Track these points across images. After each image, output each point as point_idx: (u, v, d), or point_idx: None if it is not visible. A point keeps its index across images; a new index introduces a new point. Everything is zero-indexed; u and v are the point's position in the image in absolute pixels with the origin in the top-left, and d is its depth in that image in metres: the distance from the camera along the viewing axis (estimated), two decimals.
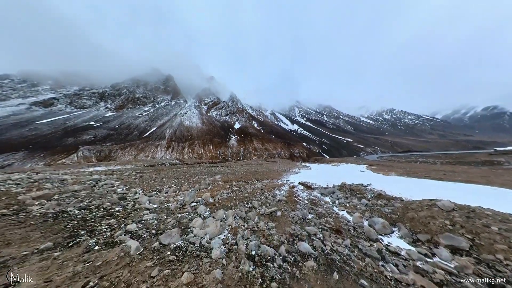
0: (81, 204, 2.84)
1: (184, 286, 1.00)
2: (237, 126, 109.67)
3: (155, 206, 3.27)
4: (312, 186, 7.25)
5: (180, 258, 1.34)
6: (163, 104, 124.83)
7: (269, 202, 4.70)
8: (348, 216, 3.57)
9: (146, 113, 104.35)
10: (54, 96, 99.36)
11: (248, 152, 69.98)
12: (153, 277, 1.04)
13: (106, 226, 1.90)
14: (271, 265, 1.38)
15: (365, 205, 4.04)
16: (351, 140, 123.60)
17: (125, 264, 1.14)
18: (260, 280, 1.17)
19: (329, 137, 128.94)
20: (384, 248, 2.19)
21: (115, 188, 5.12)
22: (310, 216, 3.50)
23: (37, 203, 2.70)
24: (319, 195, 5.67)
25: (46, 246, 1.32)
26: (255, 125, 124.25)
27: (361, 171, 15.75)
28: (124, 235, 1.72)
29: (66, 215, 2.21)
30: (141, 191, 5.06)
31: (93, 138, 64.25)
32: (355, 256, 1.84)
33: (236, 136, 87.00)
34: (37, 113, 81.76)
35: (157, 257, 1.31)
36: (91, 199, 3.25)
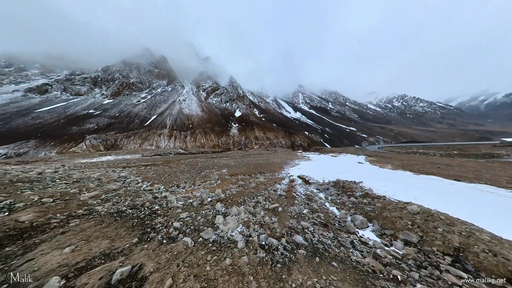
0: (127, 203, 3.66)
1: (228, 266, 1.75)
2: (237, 114, 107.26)
3: (182, 203, 4.11)
4: (310, 181, 8.11)
5: (219, 248, 2.10)
6: (159, 90, 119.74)
7: (272, 197, 5.55)
8: (337, 212, 4.40)
9: (144, 100, 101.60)
10: (46, 82, 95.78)
11: (250, 141, 70.76)
12: (209, 260, 1.80)
13: (160, 224, 2.68)
14: (276, 253, 2.15)
15: (352, 202, 4.84)
16: (354, 129, 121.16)
17: (189, 252, 1.89)
18: (270, 262, 1.93)
19: (332, 126, 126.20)
20: (357, 239, 2.99)
21: (140, 184, 6.01)
22: (305, 211, 4.34)
23: (95, 202, 3.51)
24: (315, 190, 6.52)
25: (136, 241, 2.08)
26: (256, 113, 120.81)
27: (359, 162, 16.57)
28: (175, 231, 2.50)
29: (125, 214, 3.00)
30: (162, 187, 5.95)
31: (96, 126, 65.01)
32: (334, 245, 2.64)
33: (237, 125, 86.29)
34: (35, 101, 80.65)
35: (205, 248, 2.07)
36: (131, 197, 4.08)
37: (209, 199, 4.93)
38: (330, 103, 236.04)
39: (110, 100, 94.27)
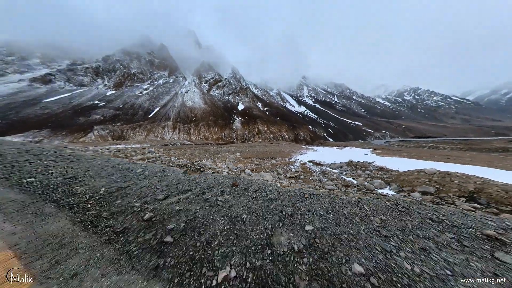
0: (171, 163, 4.15)
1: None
2: (240, 107, 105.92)
3: (214, 167, 4.59)
4: (321, 163, 8.49)
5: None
6: (161, 81, 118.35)
7: (289, 172, 6.00)
8: (354, 181, 4.82)
9: (146, 91, 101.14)
10: (49, 72, 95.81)
11: (253, 135, 70.85)
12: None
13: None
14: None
15: (368, 174, 5.24)
16: (360, 124, 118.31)
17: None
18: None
19: (336, 120, 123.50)
20: (377, 194, 3.42)
21: (170, 158, 6.54)
22: (324, 179, 4.78)
23: (145, 161, 4.01)
24: (328, 168, 6.92)
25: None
26: (260, 106, 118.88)
27: (365, 154, 16.69)
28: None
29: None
30: (189, 161, 6.47)
31: (102, 118, 66.06)
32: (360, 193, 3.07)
33: (240, 118, 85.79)
34: (41, 91, 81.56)
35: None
36: (171, 162, 4.58)
37: (235, 169, 5.42)
38: (335, 97, 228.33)
39: (113, 92, 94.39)
